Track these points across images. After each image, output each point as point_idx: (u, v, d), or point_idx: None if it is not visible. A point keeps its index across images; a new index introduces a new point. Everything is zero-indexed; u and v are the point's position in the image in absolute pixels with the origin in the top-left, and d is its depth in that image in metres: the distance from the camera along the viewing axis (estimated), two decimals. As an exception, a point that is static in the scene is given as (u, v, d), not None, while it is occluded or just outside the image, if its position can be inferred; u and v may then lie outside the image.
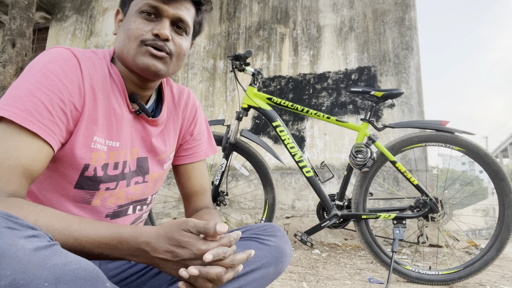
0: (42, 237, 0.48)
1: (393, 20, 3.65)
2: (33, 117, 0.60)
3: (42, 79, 0.63)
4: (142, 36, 0.71)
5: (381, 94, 1.85)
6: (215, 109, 4.08)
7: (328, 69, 3.78)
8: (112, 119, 0.74)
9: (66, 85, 0.65)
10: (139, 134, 0.80)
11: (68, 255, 0.48)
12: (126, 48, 0.72)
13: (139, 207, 0.85)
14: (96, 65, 0.73)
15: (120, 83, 0.75)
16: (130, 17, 0.73)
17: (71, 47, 0.71)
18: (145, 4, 0.72)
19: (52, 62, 0.65)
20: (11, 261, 0.42)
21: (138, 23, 0.72)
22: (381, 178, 3.24)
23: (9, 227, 0.45)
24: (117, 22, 0.80)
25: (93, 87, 0.71)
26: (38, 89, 0.62)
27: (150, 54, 0.72)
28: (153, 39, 0.72)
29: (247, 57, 1.93)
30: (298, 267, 2.11)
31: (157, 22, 0.73)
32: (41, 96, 0.62)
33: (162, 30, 0.71)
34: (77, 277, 0.46)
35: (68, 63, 0.67)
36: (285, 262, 0.79)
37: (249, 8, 4.24)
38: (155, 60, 0.72)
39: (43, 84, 0.63)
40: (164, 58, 0.73)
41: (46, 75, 0.64)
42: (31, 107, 0.61)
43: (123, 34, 0.73)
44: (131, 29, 0.72)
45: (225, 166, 1.95)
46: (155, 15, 0.73)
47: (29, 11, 3.23)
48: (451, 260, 2.59)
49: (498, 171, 1.70)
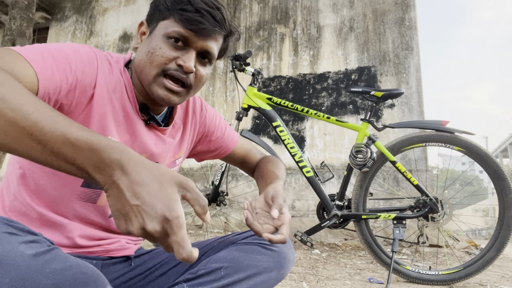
0: (42, 242, 0.47)
1: (393, 20, 3.65)
2: (44, 62, 0.58)
3: (55, 49, 0.62)
4: (165, 65, 0.69)
5: (381, 94, 1.85)
6: (215, 109, 4.09)
7: (328, 69, 3.78)
8: (123, 122, 0.73)
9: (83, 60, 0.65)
10: (152, 140, 0.79)
11: (68, 259, 0.47)
12: (145, 71, 0.70)
13: None
14: (112, 67, 0.72)
15: (131, 91, 0.74)
16: (156, 39, 0.70)
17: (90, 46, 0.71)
18: (175, 32, 0.69)
19: (71, 47, 0.65)
20: (10, 268, 0.42)
21: (164, 49, 0.69)
22: (381, 178, 3.24)
23: (9, 232, 0.45)
24: (139, 35, 0.76)
25: (107, 87, 0.70)
26: (57, 50, 0.62)
27: (166, 88, 0.70)
28: (175, 69, 0.69)
29: (247, 57, 1.93)
30: (298, 267, 2.11)
31: (184, 51, 0.70)
32: (58, 56, 0.61)
33: (188, 63, 0.69)
34: (77, 282, 0.46)
35: (88, 54, 0.67)
36: (288, 267, 0.79)
37: (249, 8, 4.24)
38: (170, 93, 0.71)
39: (63, 49, 0.63)
40: (180, 93, 0.72)
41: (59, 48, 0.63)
42: (47, 56, 0.60)
43: (145, 55, 0.70)
44: (156, 54, 0.69)
45: (225, 166, 1.95)
46: (183, 43, 0.70)
47: (29, 11, 3.23)
48: (451, 260, 2.59)
49: (498, 171, 1.70)
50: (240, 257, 0.73)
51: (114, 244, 0.78)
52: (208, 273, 0.71)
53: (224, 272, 0.70)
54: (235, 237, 0.81)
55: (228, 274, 0.70)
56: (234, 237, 0.81)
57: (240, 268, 0.71)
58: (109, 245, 0.78)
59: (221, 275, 0.70)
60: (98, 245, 0.76)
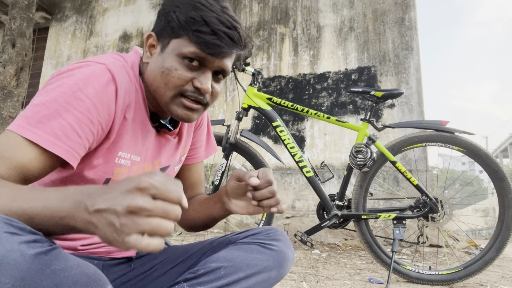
0: (43, 242, 0.47)
1: (393, 20, 3.65)
2: (60, 140, 0.59)
3: (72, 100, 0.60)
4: (182, 87, 0.68)
5: (381, 94, 1.85)
6: (215, 109, 4.08)
7: (328, 69, 3.78)
8: (139, 132, 0.74)
9: (96, 105, 0.63)
10: (162, 146, 0.80)
11: (69, 259, 0.47)
12: (160, 92, 0.69)
13: None
14: (130, 77, 0.71)
15: (144, 100, 0.74)
16: (170, 57, 0.68)
17: (106, 59, 0.67)
18: (191, 53, 0.66)
19: (83, 80, 0.62)
20: (10, 268, 0.41)
21: (180, 70, 0.67)
22: (381, 178, 3.24)
23: (9, 232, 0.44)
24: (147, 47, 0.72)
25: (126, 103, 0.69)
26: (67, 111, 0.59)
27: (185, 107, 0.69)
28: (193, 91, 0.68)
29: (247, 57, 1.93)
30: (298, 267, 2.11)
31: (199, 72, 0.68)
32: (69, 118, 0.60)
33: (205, 85, 0.68)
34: (77, 282, 0.46)
35: (101, 82, 0.64)
36: (287, 267, 0.79)
37: (249, 8, 4.24)
38: (189, 111, 0.70)
39: (73, 105, 0.60)
40: (198, 110, 0.71)
41: (76, 95, 0.61)
42: (58, 129, 0.59)
43: (160, 75, 0.68)
44: (171, 76, 0.67)
45: (225, 166, 1.95)
46: (199, 62, 0.67)
47: (29, 11, 3.23)
48: (451, 260, 2.59)
49: (498, 171, 1.70)
50: (240, 256, 0.73)
51: None
52: (208, 272, 0.71)
53: (223, 272, 0.70)
54: (235, 237, 0.81)
55: (227, 273, 0.70)
56: (233, 237, 0.81)
57: (239, 268, 0.71)
58: (110, 246, 0.78)
59: (221, 275, 0.70)
60: (100, 246, 0.77)
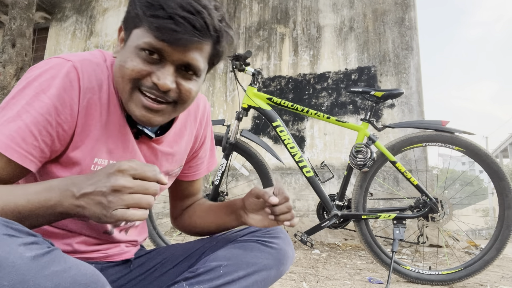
0: (42, 243, 0.47)
1: (393, 20, 3.65)
2: (16, 143, 0.57)
3: (33, 101, 0.59)
4: (138, 81, 0.60)
5: (381, 94, 1.85)
6: (215, 109, 4.08)
7: (328, 69, 3.78)
8: (117, 136, 0.69)
9: (57, 106, 0.60)
10: (142, 152, 0.74)
11: (68, 260, 0.47)
12: (119, 88, 0.63)
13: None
14: (104, 75, 0.65)
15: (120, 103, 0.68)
16: (129, 50, 0.61)
17: (74, 57, 0.63)
18: (146, 43, 0.59)
19: (48, 79, 0.60)
20: (9, 270, 0.41)
21: (135, 61, 0.60)
22: (381, 178, 3.24)
23: (8, 234, 0.44)
24: (119, 41, 0.66)
25: (95, 103, 0.64)
26: (27, 112, 0.58)
27: (144, 106, 0.61)
28: (150, 87, 0.60)
29: (247, 57, 1.93)
30: (298, 267, 2.11)
31: (159, 66, 0.60)
32: (28, 119, 0.58)
33: (163, 80, 0.59)
34: (76, 283, 0.46)
35: (64, 80, 0.61)
36: (287, 264, 0.78)
37: (249, 8, 4.24)
38: (150, 113, 0.62)
39: (33, 106, 0.59)
40: (162, 110, 0.62)
41: (38, 96, 0.59)
42: (15, 132, 0.57)
43: (119, 70, 0.62)
44: (126, 67, 0.60)
45: (225, 166, 1.95)
46: (158, 55, 0.60)
47: (29, 11, 3.23)
48: (451, 260, 2.59)
49: (498, 171, 1.70)
50: (239, 254, 0.73)
51: (113, 249, 0.78)
52: (208, 271, 0.71)
53: (223, 270, 0.70)
54: (234, 235, 0.81)
55: (227, 272, 0.70)
56: (233, 235, 0.81)
57: (239, 266, 0.71)
58: (108, 250, 0.77)
59: (221, 273, 0.70)
60: (97, 251, 0.76)
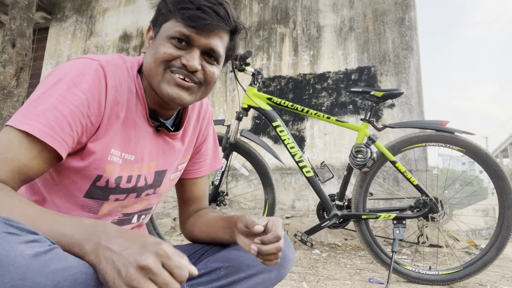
0: (43, 242, 0.47)
1: (393, 20, 3.65)
2: (54, 131, 0.61)
3: (67, 93, 0.63)
4: (169, 62, 0.68)
5: (381, 94, 1.85)
6: (215, 109, 4.08)
7: (328, 69, 3.77)
8: (132, 132, 0.73)
9: (89, 99, 0.65)
10: (159, 148, 0.79)
11: (68, 259, 0.47)
12: (152, 72, 0.70)
13: (143, 216, 0.85)
14: (124, 76, 0.71)
15: (143, 98, 0.74)
16: (160, 40, 0.70)
17: (100, 57, 0.69)
18: (176, 31, 0.68)
19: (78, 76, 0.65)
20: (9, 268, 0.41)
21: (167, 47, 0.68)
22: (381, 178, 3.24)
23: (8, 232, 0.44)
24: (147, 40, 0.76)
25: (117, 100, 0.70)
26: (62, 103, 0.62)
27: (176, 84, 0.69)
28: (180, 67, 0.68)
29: (247, 57, 1.93)
30: (298, 267, 2.11)
31: (187, 50, 0.69)
32: (64, 110, 0.62)
33: (191, 62, 0.68)
34: (77, 282, 0.46)
35: (93, 77, 0.66)
36: (287, 267, 0.78)
37: (249, 8, 4.24)
38: (181, 90, 0.69)
39: (68, 98, 0.63)
40: (191, 89, 0.70)
41: (71, 89, 0.64)
42: (53, 121, 0.61)
43: (151, 57, 0.70)
44: (159, 52, 0.68)
45: (225, 166, 1.95)
46: (186, 43, 0.69)
47: (29, 11, 3.23)
48: (451, 260, 2.59)
49: (498, 171, 1.70)
50: (240, 256, 0.73)
51: None
52: (208, 272, 0.71)
53: (224, 272, 0.70)
54: None
55: (228, 273, 0.70)
56: None
57: (240, 268, 0.71)
58: None
59: (221, 275, 0.70)
60: None
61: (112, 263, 0.47)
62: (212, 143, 0.96)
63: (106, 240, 0.49)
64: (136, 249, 0.48)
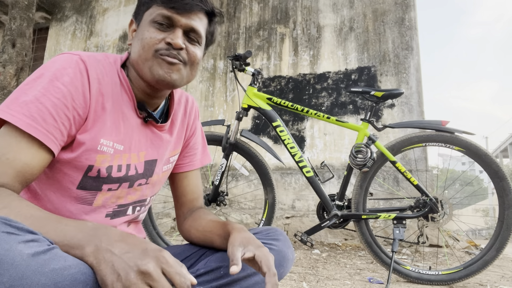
0: (42, 241, 0.47)
1: (393, 20, 3.65)
2: (37, 123, 0.62)
3: (49, 86, 0.64)
4: (156, 45, 0.71)
5: (381, 94, 1.85)
6: (215, 109, 4.08)
7: (328, 69, 3.77)
8: (120, 122, 0.75)
9: (71, 92, 0.66)
10: (148, 138, 0.80)
11: (67, 258, 0.47)
12: (141, 58, 0.72)
13: (138, 208, 0.85)
14: (107, 69, 0.74)
15: (129, 89, 0.76)
16: (144, 27, 0.74)
17: (81, 53, 0.71)
18: (158, 14, 0.72)
19: (59, 69, 0.66)
20: (8, 267, 0.41)
21: (151, 32, 0.72)
22: (381, 178, 3.24)
23: (7, 232, 0.45)
24: (131, 33, 0.80)
25: (101, 92, 0.71)
26: (44, 95, 0.63)
27: (166, 63, 0.72)
28: (166, 48, 0.72)
29: (247, 57, 1.93)
30: (298, 267, 2.11)
31: (170, 31, 0.73)
32: (46, 102, 0.63)
33: (175, 40, 0.71)
34: (76, 282, 0.46)
35: (75, 70, 0.68)
36: (287, 267, 0.78)
37: (249, 8, 4.24)
38: (170, 70, 0.72)
39: (49, 91, 0.64)
40: (177, 66, 0.73)
41: (53, 82, 0.65)
42: (36, 113, 0.62)
43: (138, 44, 0.73)
44: (145, 38, 0.72)
45: (225, 166, 1.95)
46: (168, 25, 0.73)
47: (29, 11, 3.23)
48: (451, 260, 2.59)
49: (498, 171, 1.70)
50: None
51: None
52: (208, 272, 0.71)
53: (223, 271, 0.70)
54: None
55: (227, 273, 0.70)
56: None
57: None
58: None
59: (221, 274, 0.70)
60: None
61: (112, 266, 0.47)
62: (201, 138, 0.99)
63: (108, 242, 0.50)
64: (137, 254, 0.48)
